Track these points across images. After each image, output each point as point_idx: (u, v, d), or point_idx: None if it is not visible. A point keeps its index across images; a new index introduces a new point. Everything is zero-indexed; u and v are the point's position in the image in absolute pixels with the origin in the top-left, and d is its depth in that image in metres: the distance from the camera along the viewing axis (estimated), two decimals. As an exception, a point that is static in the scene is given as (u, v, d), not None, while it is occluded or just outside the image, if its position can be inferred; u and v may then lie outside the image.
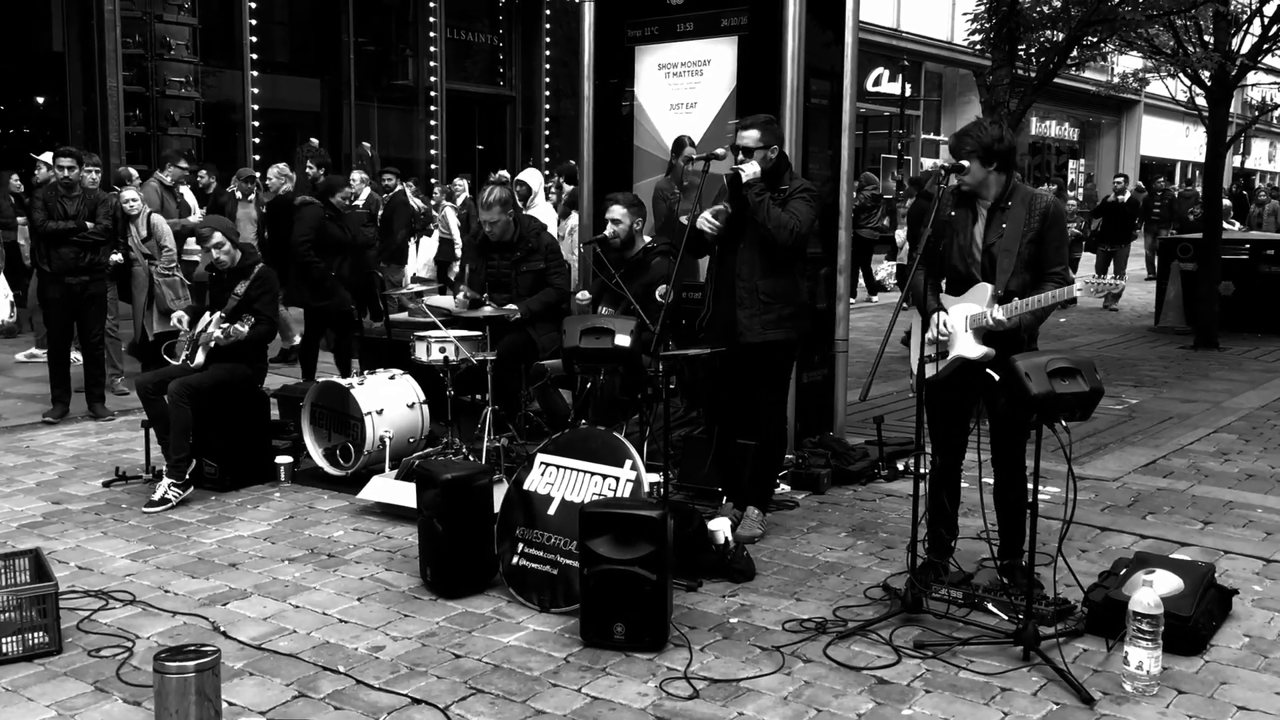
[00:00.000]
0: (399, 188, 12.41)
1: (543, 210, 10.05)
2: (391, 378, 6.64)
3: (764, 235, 5.11)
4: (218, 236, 6.33)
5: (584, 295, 6.60)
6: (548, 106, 19.70)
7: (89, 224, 7.98)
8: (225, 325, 6.14)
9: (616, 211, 6.38)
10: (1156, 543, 5.43)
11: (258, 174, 12.33)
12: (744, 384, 5.39)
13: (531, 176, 10.83)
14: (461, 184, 14.21)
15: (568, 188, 12.22)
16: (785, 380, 5.55)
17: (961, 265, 4.58)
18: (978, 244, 4.57)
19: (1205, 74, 12.01)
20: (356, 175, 12.11)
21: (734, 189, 5.21)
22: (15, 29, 14.90)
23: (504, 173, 14.59)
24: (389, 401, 6.43)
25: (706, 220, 5.19)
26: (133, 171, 11.70)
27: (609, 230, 6.38)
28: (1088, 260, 17.27)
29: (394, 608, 4.62)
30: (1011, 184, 4.55)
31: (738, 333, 5.25)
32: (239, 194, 11.55)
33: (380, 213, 11.87)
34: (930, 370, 4.44)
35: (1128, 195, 16.60)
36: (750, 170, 5.09)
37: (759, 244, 5.18)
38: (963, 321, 4.52)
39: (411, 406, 6.55)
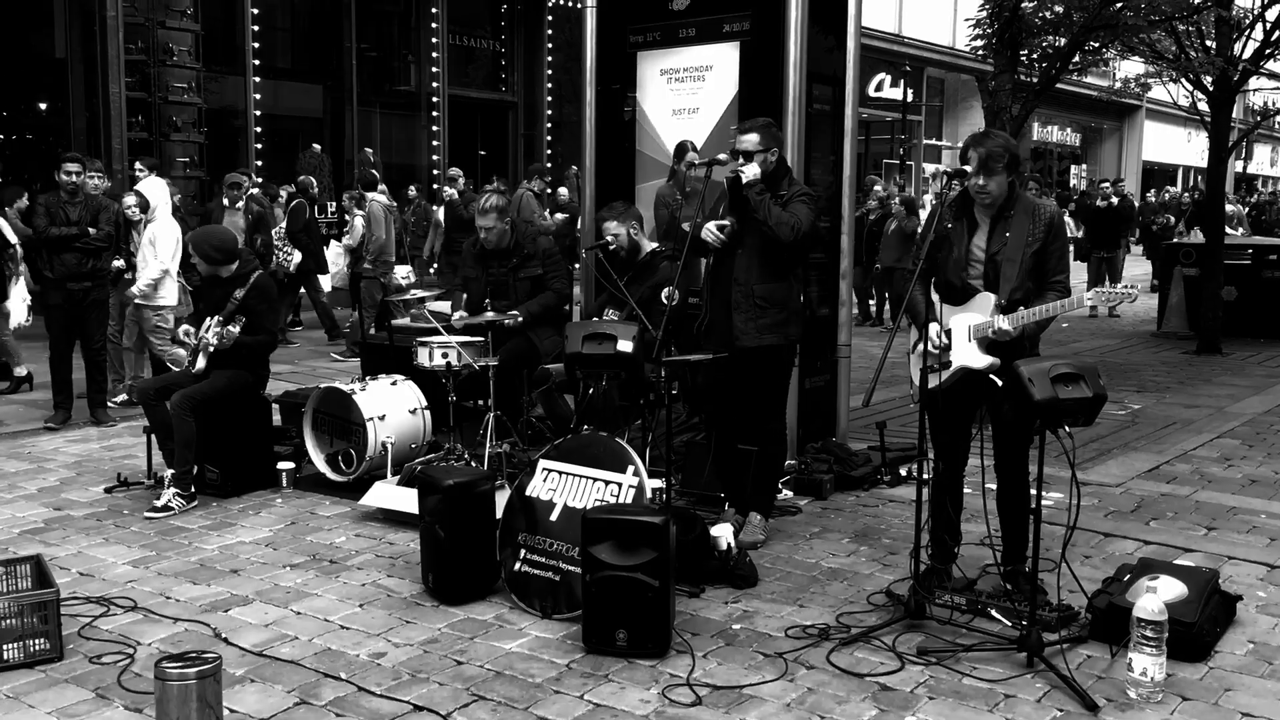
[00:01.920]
0: (252, 192, 11.96)
1: (165, 225, 8.99)
2: (393, 383, 6.63)
3: (766, 236, 5.11)
4: (194, 257, 6.45)
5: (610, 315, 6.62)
6: (550, 112, 19.72)
7: (91, 230, 7.99)
8: (220, 330, 6.14)
9: (611, 227, 6.47)
10: (1160, 548, 5.41)
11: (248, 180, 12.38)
12: (742, 389, 5.39)
13: (151, 188, 9.92)
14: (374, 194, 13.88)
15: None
16: (784, 385, 5.54)
17: (956, 279, 4.56)
18: (978, 253, 4.56)
19: (1207, 79, 12.02)
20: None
21: (734, 192, 5.21)
22: (17, 35, 14.92)
23: (499, 183, 14.61)
24: (391, 407, 6.42)
25: (710, 232, 5.19)
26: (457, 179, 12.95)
27: (608, 240, 6.42)
28: (1077, 269, 17.23)
29: (396, 614, 4.61)
30: (1015, 192, 4.54)
31: (734, 337, 5.25)
32: (225, 201, 11.52)
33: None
34: (933, 381, 4.42)
35: (1115, 201, 16.60)
36: (751, 172, 5.10)
37: (757, 249, 5.18)
38: (965, 331, 4.51)
39: (413, 412, 6.54)
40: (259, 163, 15.58)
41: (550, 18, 19.45)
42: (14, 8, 14.62)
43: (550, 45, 19.54)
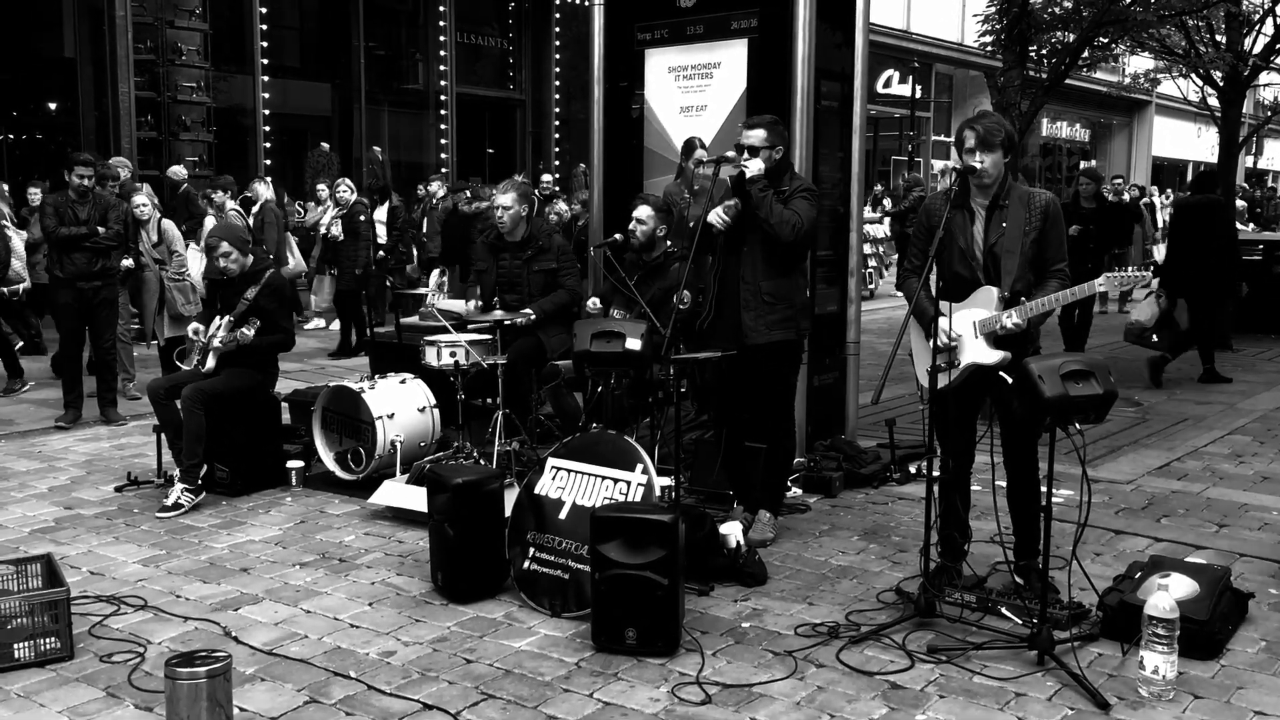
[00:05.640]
0: None
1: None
2: (402, 382, 6.63)
3: (767, 234, 5.10)
4: (224, 246, 6.34)
5: (594, 304, 6.58)
6: (558, 110, 19.72)
7: (100, 229, 8.01)
8: (229, 334, 6.15)
9: (643, 212, 6.39)
10: (1171, 546, 5.40)
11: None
12: (751, 386, 5.38)
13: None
14: (261, 188, 12.80)
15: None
16: (792, 381, 5.54)
17: (965, 270, 4.53)
18: (978, 245, 4.53)
19: (1217, 74, 11.98)
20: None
21: (738, 188, 5.19)
22: (27, 35, 14.97)
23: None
24: (400, 405, 6.43)
25: (718, 215, 5.17)
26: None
27: (632, 227, 6.37)
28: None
29: (405, 613, 4.61)
30: (1009, 181, 4.51)
31: (743, 334, 5.24)
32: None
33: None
34: (942, 380, 4.40)
35: (1127, 196, 16.53)
36: (755, 167, 5.08)
37: (762, 245, 5.17)
38: (971, 328, 4.48)
39: (422, 410, 6.54)
40: (268, 162, 15.61)
41: (558, 15, 19.44)
42: (23, 7, 14.66)
43: (558, 43, 19.54)
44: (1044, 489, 4.20)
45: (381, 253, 12.72)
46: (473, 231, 12.97)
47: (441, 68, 18.08)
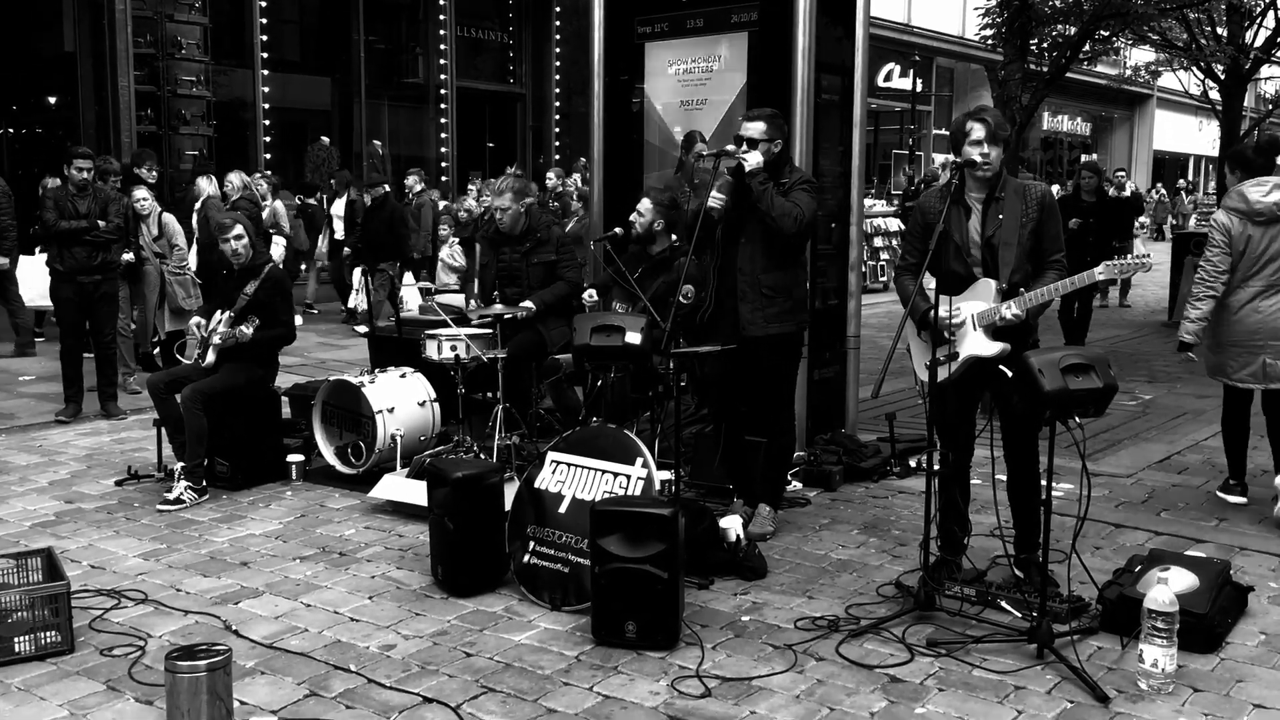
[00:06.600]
0: None
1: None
2: (403, 376, 6.64)
3: (768, 226, 5.09)
4: (238, 229, 6.34)
5: (590, 294, 6.58)
6: (558, 104, 19.71)
7: (100, 223, 8.01)
8: (228, 330, 6.15)
9: (643, 204, 6.37)
10: (1171, 539, 5.39)
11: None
12: (750, 379, 5.37)
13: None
14: (204, 184, 11.73)
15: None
16: (791, 374, 5.54)
17: (961, 266, 4.53)
18: (974, 238, 4.53)
19: (1218, 67, 11.97)
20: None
21: (736, 181, 5.18)
22: (26, 29, 14.96)
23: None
24: (400, 400, 6.43)
25: (715, 197, 5.16)
26: None
27: (632, 218, 6.36)
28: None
29: (405, 606, 4.61)
30: (1004, 175, 4.52)
31: (741, 327, 5.23)
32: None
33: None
34: (942, 374, 4.40)
35: (1128, 190, 16.53)
36: (753, 160, 5.07)
37: (761, 237, 5.17)
38: (970, 320, 4.48)
39: (422, 404, 6.54)
40: (267, 156, 15.60)
41: (558, 9, 19.42)
42: (23, 3, 14.65)
43: (558, 36, 19.52)
44: (1044, 483, 4.20)
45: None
46: (403, 227, 12.78)
47: (442, 62, 18.07)
